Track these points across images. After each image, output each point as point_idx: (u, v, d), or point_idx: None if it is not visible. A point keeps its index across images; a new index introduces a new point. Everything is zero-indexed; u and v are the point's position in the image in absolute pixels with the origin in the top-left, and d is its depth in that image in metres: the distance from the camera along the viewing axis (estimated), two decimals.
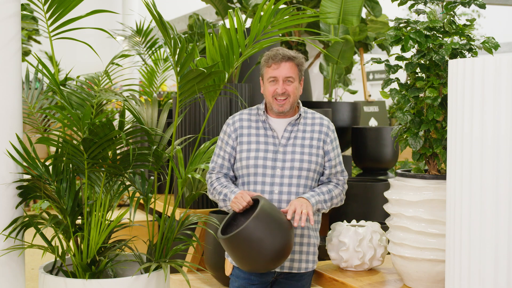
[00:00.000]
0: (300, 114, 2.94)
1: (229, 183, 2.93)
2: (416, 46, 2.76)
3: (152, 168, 3.37)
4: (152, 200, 3.67)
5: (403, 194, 2.75)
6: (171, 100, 4.11)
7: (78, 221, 3.51)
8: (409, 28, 2.82)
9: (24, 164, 3.27)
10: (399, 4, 2.91)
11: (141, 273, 3.27)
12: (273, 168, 2.86)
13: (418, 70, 2.82)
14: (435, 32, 2.78)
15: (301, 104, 3.00)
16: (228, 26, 3.48)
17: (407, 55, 2.85)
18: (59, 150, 3.24)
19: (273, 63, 2.87)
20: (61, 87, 3.40)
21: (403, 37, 2.79)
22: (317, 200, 2.83)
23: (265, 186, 2.86)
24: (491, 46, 2.70)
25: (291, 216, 2.70)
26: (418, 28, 2.76)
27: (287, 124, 2.93)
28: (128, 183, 3.51)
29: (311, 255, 2.94)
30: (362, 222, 3.22)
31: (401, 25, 2.83)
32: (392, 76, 2.90)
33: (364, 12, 7.01)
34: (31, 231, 3.63)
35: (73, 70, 8.80)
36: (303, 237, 2.90)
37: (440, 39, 2.77)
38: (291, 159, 2.87)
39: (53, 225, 3.23)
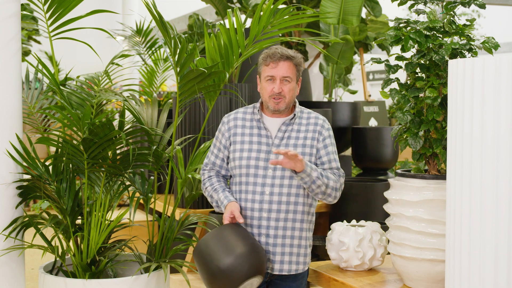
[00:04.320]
0: (295, 114, 2.89)
1: (219, 183, 2.92)
2: (416, 46, 2.76)
3: (152, 168, 3.37)
4: (152, 200, 3.67)
5: (403, 194, 2.75)
6: (171, 100, 4.11)
7: (78, 221, 3.51)
8: (409, 28, 2.82)
9: (24, 164, 3.27)
10: (399, 4, 2.90)
11: (141, 273, 3.27)
12: (265, 168, 2.81)
13: (418, 70, 2.81)
14: (435, 32, 2.78)
15: (297, 104, 2.94)
16: (227, 25, 3.47)
17: (407, 55, 2.85)
18: (59, 150, 3.24)
19: (271, 61, 2.81)
20: (61, 87, 3.40)
21: (403, 37, 2.78)
22: (312, 167, 2.75)
23: (256, 186, 2.81)
24: (491, 46, 2.70)
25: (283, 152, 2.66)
26: (418, 28, 2.76)
27: (281, 124, 2.88)
28: (128, 183, 3.51)
29: (302, 257, 2.87)
30: (362, 222, 3.22)
31: (401, 25, 2.83)
32: (392, 76, 2.90)
33: (364, 12, 7.01)
34: (31, 231, 3.63)
35: (73, 70, 8.80)
36: (294, 238, 2.83)
37: (440, 39, 2.76)
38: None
39: (53, 225, 3.23)
